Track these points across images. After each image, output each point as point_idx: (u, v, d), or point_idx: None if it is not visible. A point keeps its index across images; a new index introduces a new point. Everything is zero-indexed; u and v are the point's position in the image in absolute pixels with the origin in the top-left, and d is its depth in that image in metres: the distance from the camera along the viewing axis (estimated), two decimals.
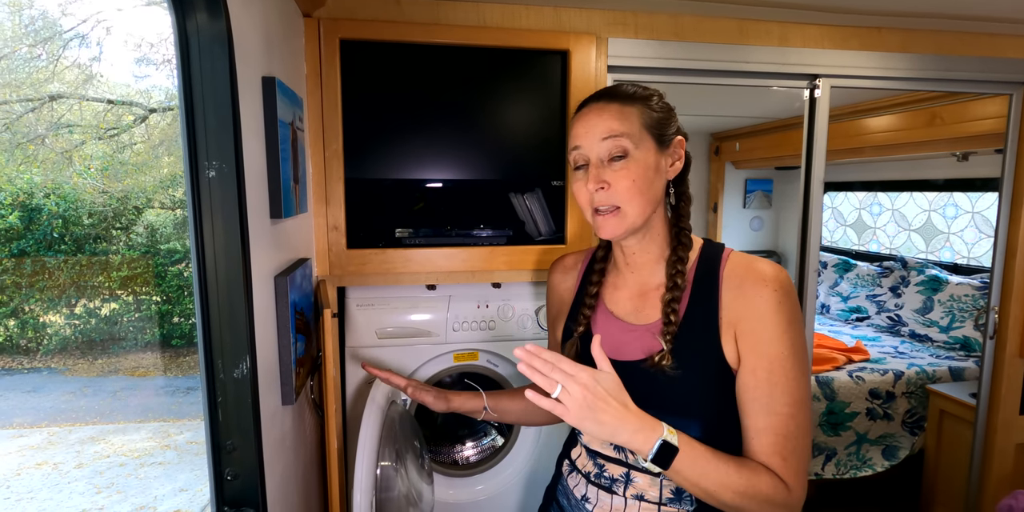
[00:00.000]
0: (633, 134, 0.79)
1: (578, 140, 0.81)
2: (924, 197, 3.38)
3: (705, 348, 0.79)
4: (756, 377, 0.76)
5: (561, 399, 0.68)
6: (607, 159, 0.79)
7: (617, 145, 0.78)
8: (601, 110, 0.80)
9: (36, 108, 5.74)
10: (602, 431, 0.68)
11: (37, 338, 5.65)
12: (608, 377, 0.71)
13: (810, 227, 1.77)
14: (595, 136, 0.79)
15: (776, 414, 0.74)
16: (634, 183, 0.78)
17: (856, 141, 2.85)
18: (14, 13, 5.71)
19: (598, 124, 0.79)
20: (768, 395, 0.75)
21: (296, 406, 1.14)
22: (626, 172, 0.78)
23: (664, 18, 1.55)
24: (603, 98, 0.82)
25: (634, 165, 0.78)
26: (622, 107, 0.80)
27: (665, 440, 0.70)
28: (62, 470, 4.02)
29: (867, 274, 3.51)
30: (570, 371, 0.68)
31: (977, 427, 1.95)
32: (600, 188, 0.79)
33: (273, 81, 0.96)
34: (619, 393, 0.71)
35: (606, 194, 0.79)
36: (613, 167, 0.79)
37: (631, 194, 0.78)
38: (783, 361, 0.75)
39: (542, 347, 0.71)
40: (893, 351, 2.83)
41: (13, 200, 5.35)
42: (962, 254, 3.18)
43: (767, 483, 0.73)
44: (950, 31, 1.69)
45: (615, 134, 0.78)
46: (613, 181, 0.79)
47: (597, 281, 0.91)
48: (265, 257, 0.95)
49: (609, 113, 0.79)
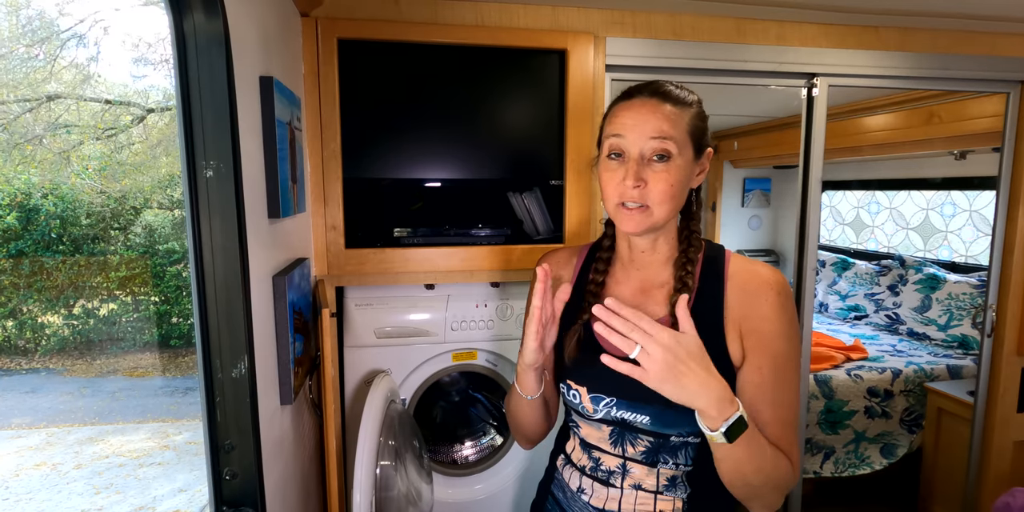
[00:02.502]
0: (679, 139, 0.78)
1: (623, 130, 0.80)
2: (922, 195, 3.39)
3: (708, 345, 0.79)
4: (763, 374, 0.79)
5: (640, 361, 0.66)
6: (649, 157, 0.79)
7: (663, 147, 0.78)
8: (655, 108, 0.79)
9: (34, 108, 5.73)
10: (682, 395, 0.67)
11: (35, 339, 5.64)
12: (690, 339, 0.69)
13: (808, 226, 1.77)
14: (644, 132, 0.78)
15: (781, 406, 0.79)
16: (671, 187, 0.78)
17: (854, 140, 2.85)
18: (11, 13, 5.70)
19: (650, 120, 0.78)
20: (774, 389, 0.79)
21: (295, 406, 1.14)
22: (666, 175, 0.78)
23: (662, 17, 1.55)
24: (656, 95, 0.80)
25: (675, 169, 0.78)
26: (675, 110, 0.79)
27: (742, 414, 0.70)
28: (61, 471, 4.02)
29: (865, 273, 3.52)
30: (651, 331, 0.66)
31: (975, 425, 1.96)
32: (637, 186, 0.78)
33: (271, 81, 0.96)
34: (702, 356, 0.69)
35: (640, 192, 0.78)
36: (654, 168, 0.78)
37: (664, 197, 0.78)
38: (786, 358, 0.80)
39: (621, 303, 0.68)
40: (891, 349, 2.84)
41: (11, 200, 5.34)
42: (960, 252, 3.19)
43: (785, 466, 0.77)
44: (948, 30, 1.69)
45: (665, 136, 0.78)
46: (652, 181, 0.78)
47: (603, 270, 0.91)
48: (263, 257, 0.95)
49: (663, 113, 0.78)
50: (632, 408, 0.82)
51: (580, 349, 0.87)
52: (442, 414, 1.87)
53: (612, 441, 0.86)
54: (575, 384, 0.87)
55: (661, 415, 0.81)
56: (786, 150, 3.31)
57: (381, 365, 1.55)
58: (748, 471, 0.74)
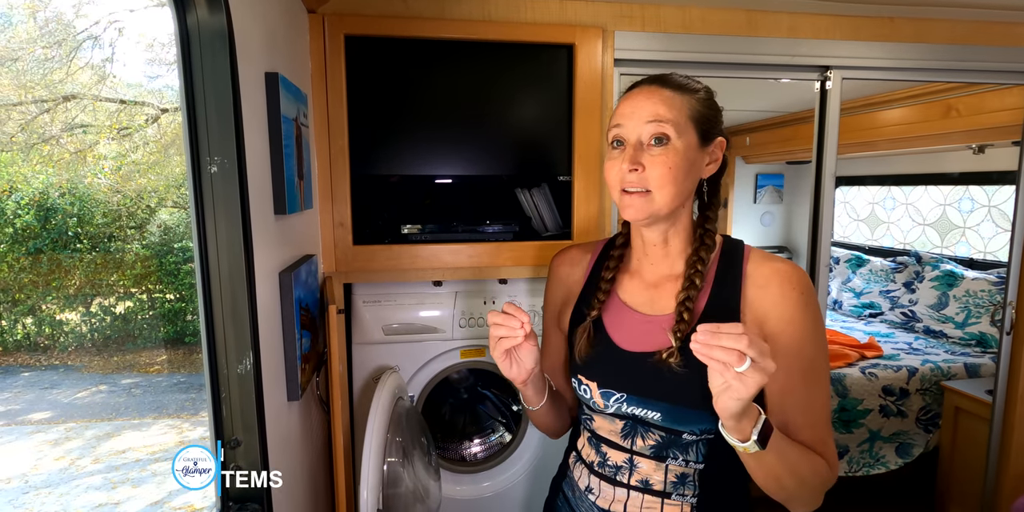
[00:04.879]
0: (679, 123, 0.78)
1: (621, 119, 0.80)
2: (939, 191, 3.33)
3: None
4: (792, 378, 0.78)
5: (745, 375, 0.60)
6: (647, 142, 0.78)
7: (660, 130, 0.77)
8: (651, 94, 0.79)
9: (51, 109, 5.82)
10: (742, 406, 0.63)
11: (54, 336, 5.74)
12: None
13: (821, 222, 1.74)
14: (640, 118, 0.78)
15: (812, 409, 0.78)
16: (670, 170, 0.77)
17: (869, 134, 2.80)
18: (29, 16, 5.79)
19: (645, 106, 0.78)
20: (806, 393, 0.78)
21: (302, 402, 1.15)
22: (664, 158, 0.77)
23: (671, 10, 1.53)
24: (655, 83, 0.81)
25: (673, 152, 0.77)
26: (673, 94, 0.79)
27: (766, 417, 0.68)
28: (79, 465, 4.09)
29: (880, 269, 3.46)
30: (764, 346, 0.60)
31: (993, 424, 1.92)
32: (634, 169, 0.78)
33: (276, 77, 0.96)
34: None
35: (639, 176, 0.78)
36: (652, 152, 0.78)
37: (664, 180, 0.77)
38: (814, 360, 0.78)
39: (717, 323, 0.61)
40: (907, 347, 2.79)
41: (30, 200, 5.44)
42: (978, 249, 3.12)
43: (821, 465, 0.76)
44: (965, 20, 1.65)
45: (660, 119, 0.77)
46: (649, 165, 0.77)
47: (614, 267, 0.90)
48: (269, 253, 0.95)
49: (659, 97, 0.78)
50: (643, 404, 0.82)
51: (590, 345, 0.86)
52: (451, 411, 1.87)
53: (624, 434, 0.85)
54: (586, 379, 0.87)
55: (672, 411, 0.80)
56: (799, 145, 3.27)
57: (389, 362, 1.56)
58: (783, 475, 0.72)
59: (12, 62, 5.73)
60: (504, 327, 0.77)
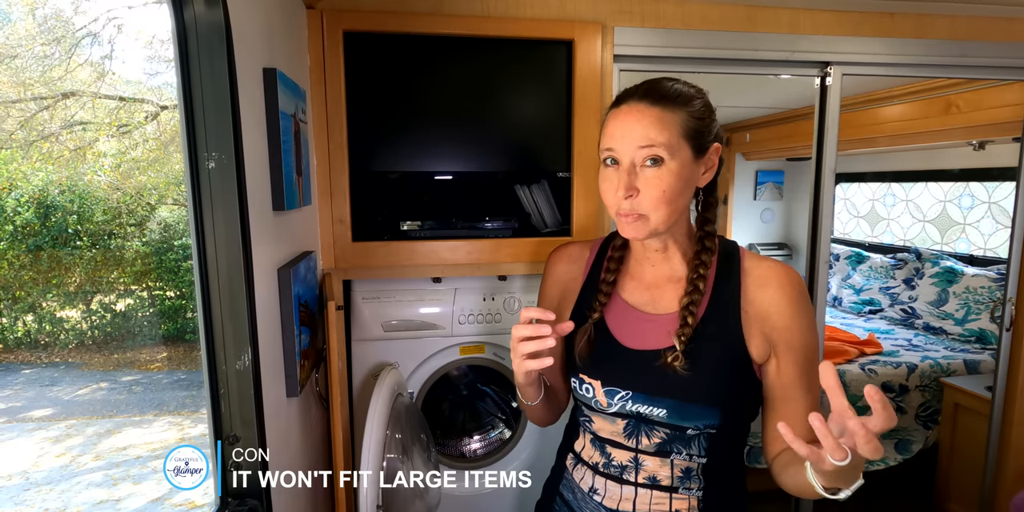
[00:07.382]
0: (671, 144, 0.76)
1: (612, 142, 0.78)
2: (939, 187, 3.32)
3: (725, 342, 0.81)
4: (798, 368, 0.81)
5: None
6: (641, 163, 0.77)
7: (653, 153, 0.76)
8: (641, 114, 0.77)
9: (50, 106, 5.81)
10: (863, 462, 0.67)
11: (54, 333, 5.74)
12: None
13: (821, 218, 1.74)
14: (631, 142, 0.76)
15: (813, 392, 0.83)
16: (664, 193, 0.76)
17: (869, 131, 2.80)
18: (28, 13, 5.77)
19: (636, 129, 0.76)
20: (808, 380, 0.82)
21: (301, 398, 1.15)
22: (657, 181, 0.76)
23: (671, 6, 1.53)
24: (645, 99, 0.78)
25: (667, 174, 0.76)
26: (663, 113, 0.76)
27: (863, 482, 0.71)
28: (80, 462, 4.10)
29: (880, 266, 3.46)
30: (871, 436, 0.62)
31: (993, 421, 1.92)
32: (628, 196, 0.77)
33: (274, 72, 0.96)
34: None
35: (634, 202, 0.77)
36: (646, 173, 0.77)
37: (658, 203, 0.77)
38: (813, 349, 0.83)
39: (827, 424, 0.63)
40: (907, 344, 2.79)
41: (29, 197, 5.43)
42: (978, 245, 3.12)
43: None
44: (966, 16, 1.64)
45: (652, 143, 0.76)
46: (643, 187, 0.77)
47: (615, 269, 0.90)
48: (268, 249, 0.94)
49: (649, 119, 0.76)
50: (648, 401, 0.82)
51: (592, 345, 0.86)
52: (450, 408, 1.87)
53: (627, 434, 0.85)
54: (588, 378, 0.87)
55: (678, 408, 0.80)
56: (799, 142, 3.26)
57: (388, 358, 1.56)
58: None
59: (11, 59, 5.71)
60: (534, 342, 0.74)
